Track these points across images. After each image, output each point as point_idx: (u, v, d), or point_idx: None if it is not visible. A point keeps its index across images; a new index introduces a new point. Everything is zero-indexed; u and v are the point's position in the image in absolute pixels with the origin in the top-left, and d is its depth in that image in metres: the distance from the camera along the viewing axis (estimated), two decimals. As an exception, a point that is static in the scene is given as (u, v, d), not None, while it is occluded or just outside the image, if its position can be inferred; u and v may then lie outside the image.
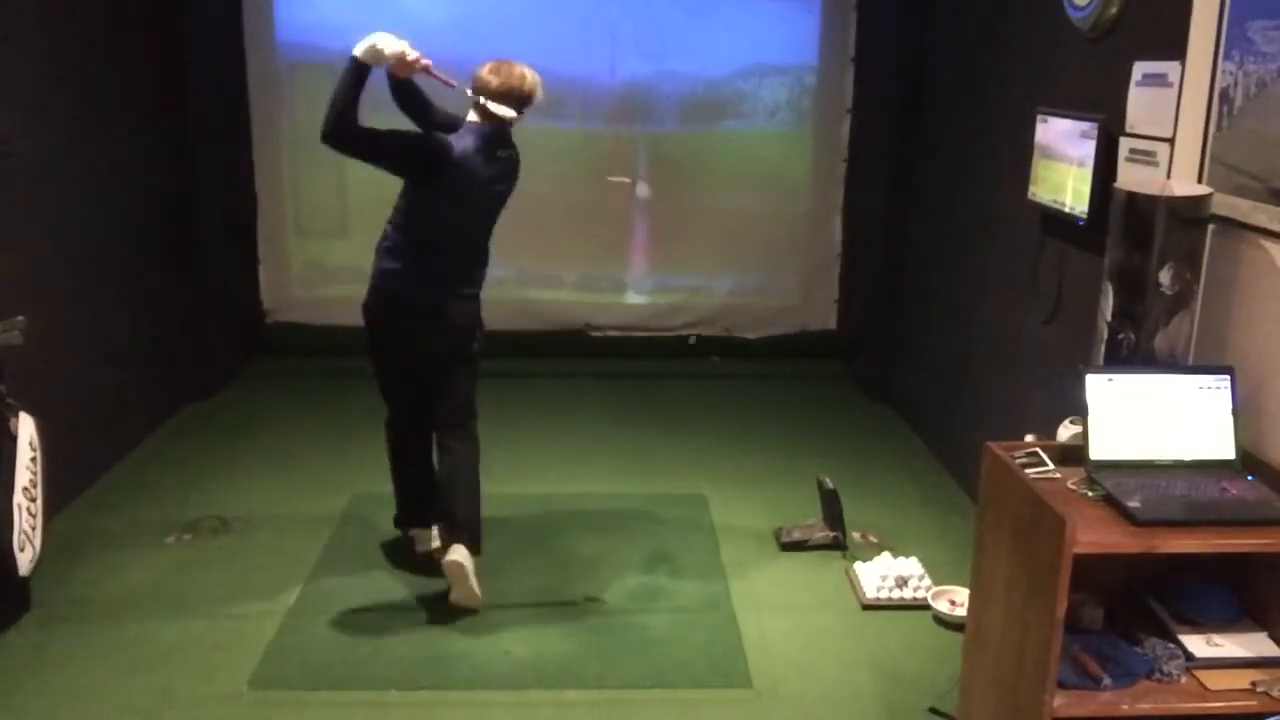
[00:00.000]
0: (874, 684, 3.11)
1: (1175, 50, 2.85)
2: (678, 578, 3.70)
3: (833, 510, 3.88)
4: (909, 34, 5.16)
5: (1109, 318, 2.63)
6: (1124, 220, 2.58)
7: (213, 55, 5.30)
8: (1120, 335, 2.60)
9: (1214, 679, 2.32)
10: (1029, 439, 2.62)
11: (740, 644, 3.29)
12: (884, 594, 3.53)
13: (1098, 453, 2.44)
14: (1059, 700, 2.26)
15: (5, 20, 3.73)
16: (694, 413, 5.36)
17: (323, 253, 5.96)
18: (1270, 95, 2.50)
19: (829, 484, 3.88)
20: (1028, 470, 2.45)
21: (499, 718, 2.94)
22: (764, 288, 6.20)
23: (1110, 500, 2.33)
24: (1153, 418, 2.46)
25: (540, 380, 5.73)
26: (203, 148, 5.20)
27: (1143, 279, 2.54)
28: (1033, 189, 3.70)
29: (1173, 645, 2.39)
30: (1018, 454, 2.52)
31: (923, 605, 3.48)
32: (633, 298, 6.19)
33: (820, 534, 3.89)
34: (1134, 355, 2.57)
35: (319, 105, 3.13)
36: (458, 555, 3.34)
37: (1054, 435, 2.68)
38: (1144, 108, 3.06)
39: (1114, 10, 3.25)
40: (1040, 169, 3.65)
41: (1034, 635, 2.28)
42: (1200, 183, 2.72)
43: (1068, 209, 3.43)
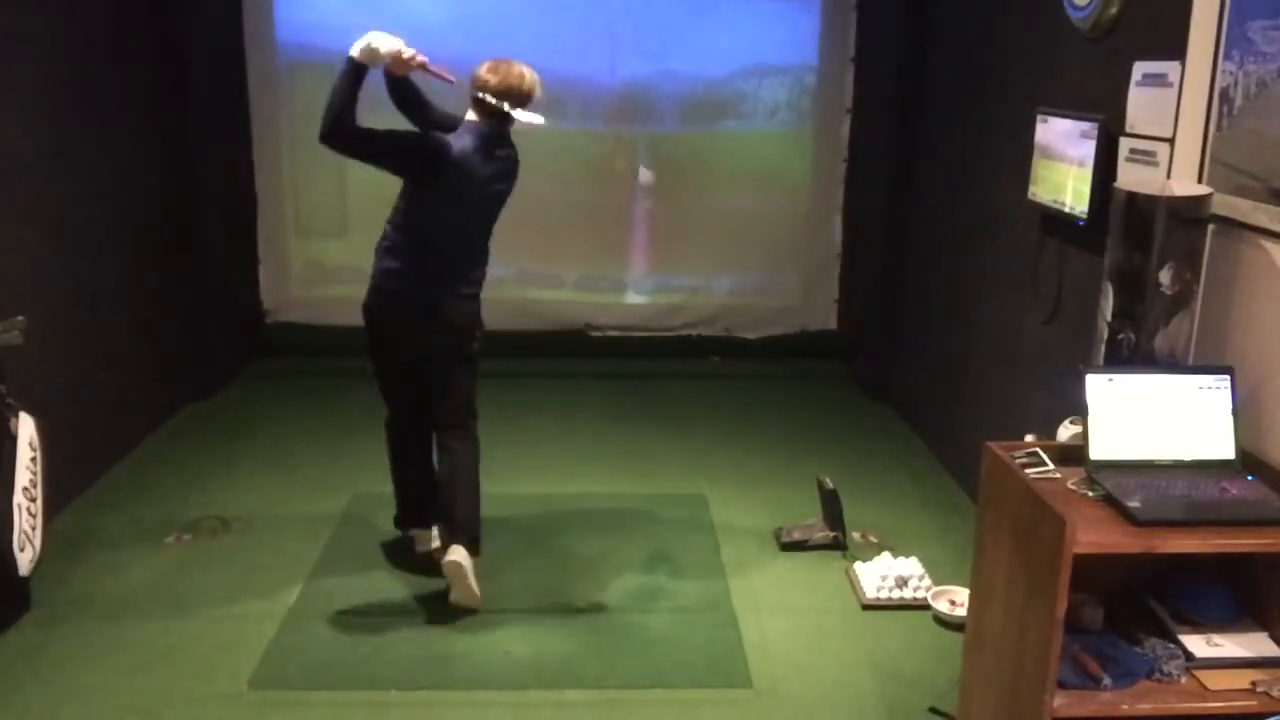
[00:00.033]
0: (874, 684, 3.11)
1: (1175, 50, 2.85)
2: (678, 578, 3.70)
3: (833, 510, 3.88)
4: (909, 34, 5.16)
5: (1109, 318, 2.63)
6: (1124, 220, 2.58)
7: (213, 55, 5.30)
8: (1120, 335, 2.60)
9: (1214, 679, 2.32)
10: (1029, 439, 2.62)
11: (740, 644, 3.29)
12: (884, 594, 3.53)
13: (1098, 453, 2.44)
14: (1059, 700, 2.26)
15: (5, 20, 3.73)
16: (694, 413, 5.36)
17: (323, 253, 5.97)
18: (1270, 95, 2.50)
19: (829, 484, 3.88)
20: (1028, 470, 2.45)
21: (499, 718, 2.94)
22: (764, 288, 6.20)
23: (1110, 500, 2.33)
24: (1153, 418, 2.46)
25: (540, 380, 5.73)
26: (203, 148, 5.20)
27: (1143, 279, 2.54)
28: (1033, 189, 3.70)
29: (1173, 645, 2.39)
30: (1018, 454, 2.52)
31: (923, 605, 3.48)
32: (633, 298, 6.19)
33: (820, 534, 3.89)
34: (1134, 355, 2.57)
35: (319, 105, 3.13)
36: (457, 555, 3.34)
37: (1054, 435, 2.68)
38: (1144, 108, 3.06)
39: (1114, 10, 3.25)
40: (1040, 169, 3.65)
41: (1034, 635, 2.28)
42: (1200, 183, 2.72)
43: (1068, 209, 3.43)
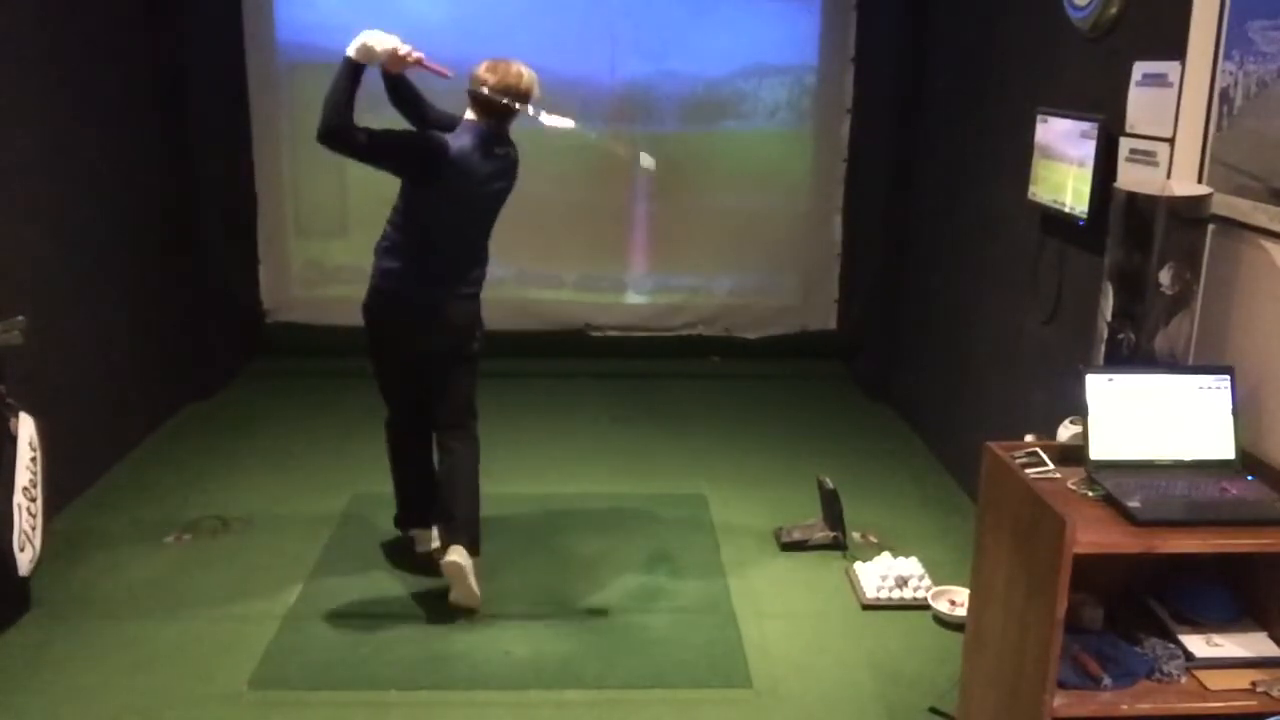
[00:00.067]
0: (874, 684, 3.11)
1: (1175, 50, 2.85)
2: (678, 578, 3.70)
3: (833, 510, 3.88)
4: (909, 34, 5.16)
5: (1109, 318, 2.63)
6: (1124, 220, 2.58)
7: (213, 55, 5.30)
8: (1120, 335, 2.60)
9: (1214, 679, 2.32)
10: (1029, 439, 2.62)
11: (740, 644, 3.29)
12: (884, 594, 3.53)
13: (1098, 453, 2.44)
14: (1059, 700, 2.26)
15: (5, 20, 3.73)
16: (694, 413, 5.36)
17: (323, 253, 5.96)
18: (1270, 95, 2.50)
19: (829, 484, 3.88)
20: (1028, 470, 2.45)
21: (499, 718, 2.94)
22: (764, 288, 6.20)
23: (1110, 500, 2.33)
24: (1153, 418, 2.46)
25: (540, 380, 5.73)
26: (203, 148, 5.19)
27: (1143, 279, 2.54)
28: (1033, 189, 3.70)
29: (1173, 645, 2.39)
30: (1018, 454, 2.52)
31: (923, 605, 3.48)
32: (633, 298, 6.19)
33: (820, 534, 3.89)
34: (1134, 355, 2.57)
35: (319, 105, 3.13)
36: (456, 556, 3.34)
37: (1054, 435, 2.68)
38: (1144, 108, 3.06)
39: (1114, 10, 3.25)
40: (1040, 169, 3.65)
41: (1034, 635, 2.28)
42: (1200, 183, 2.72)
43: (1068, 209, 3.43)
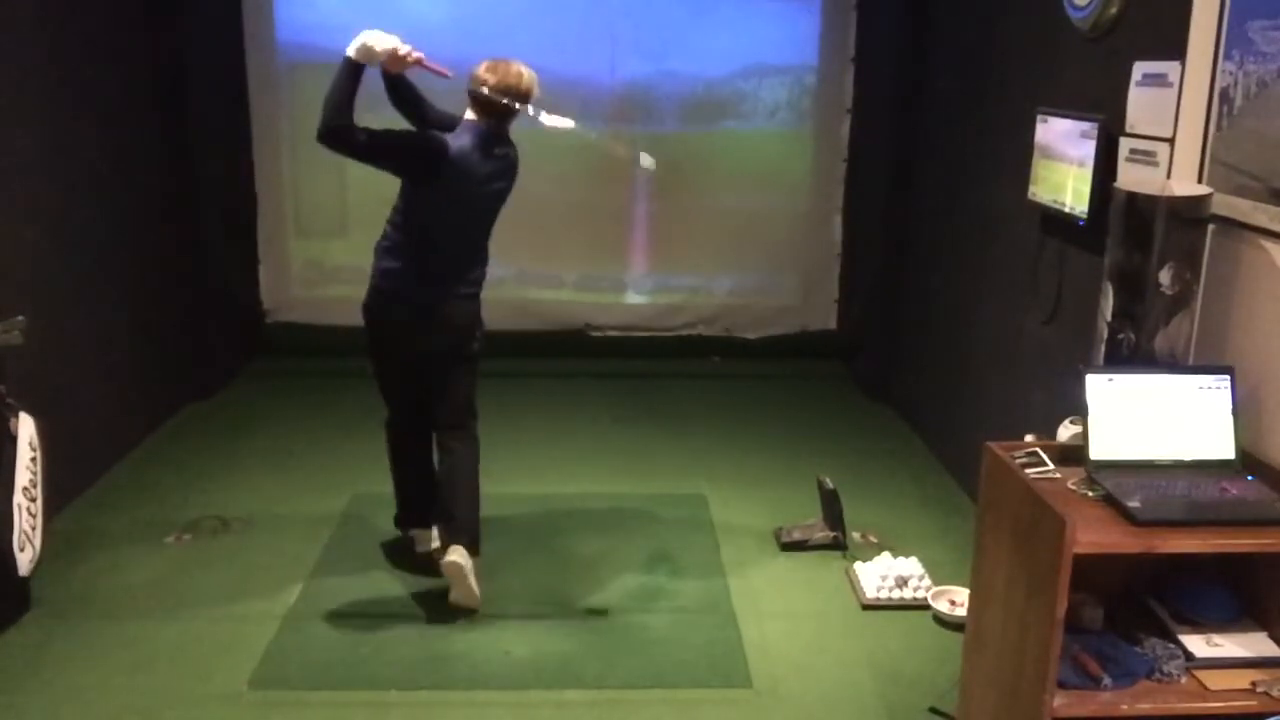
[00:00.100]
0: (874, 684, 3.11)
1: (1175, 50, 2.85)
2: (678, 578, 3.70)
3: (833, 510, 3.88)
4: (909, 34, 5.16)
5: (1109, 318, 2.63)
6: (1124, 220, 2.58)
7: (213, 55, 5.30)
8: (1120, 335, 2.60)
9: (1214, 679, 2.32)
10: (1029, 439, 2.62)
11: (740, 644, 3.29)
12: (884, 594, 3.53)
13: (1098, 453, 2.44)
14: (1059, 700, 2.26)
15: (5, 20, 3.73)
16: (694, 413, 5.36)
17: (323, 253, 5.96)
18: (1270, 95, 2.50)
19: (829, 484, 3.88)
20: (1028, 470, 2.45)
21: (499, 718, 2.94)
22: (764, 288, 6.20)
23: (1110, 500, 2.33)
24: (1153, 418, 2.46)
25: (540, 380, 5.73)
26: (203, 148, 5.20)
27: (1143, 279, 2.54)
28: (1033, 189, 3.70)
29: (1173, 645, 2.39)
30: (1018, 454, 2.52)
31: (923, 605, 3.48)
32: (633, 298, 6.19)
33: (820, 534, 3.89)
34: (1134, 355, 2.57)
35: (319, 105, 3.13)
36: (456, 556, 3.34)
37: (1054, 435, 2.68)
38: (1144, 108, 3.06)
39: (1114, 10, 3.25)
40: (1040, 169, 3.65)
41: (1034, 635, 2.28)
42: (1200, 183, 2.72)
43: (1068, 209, 3.43)
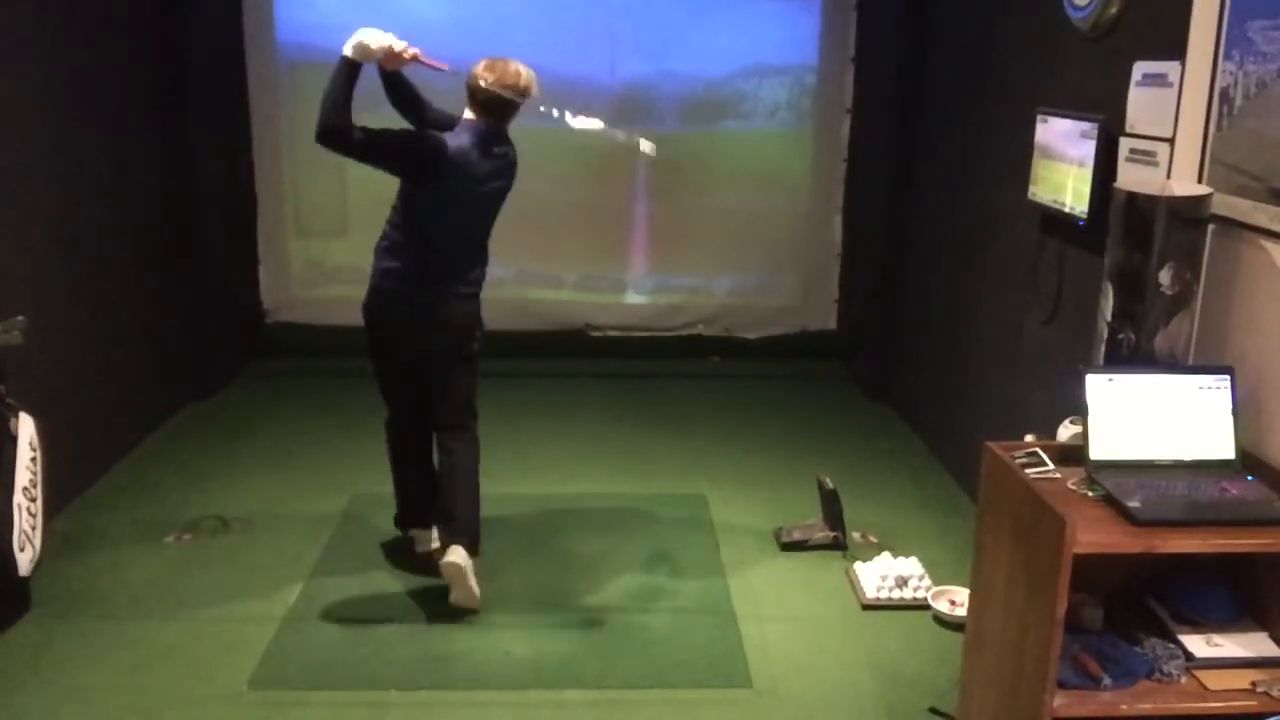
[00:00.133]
0: (874, 684, 3.11)
1: (1175, 50, 2.85)
2: (678, 578, 3.70)
3: (833, 510, 3.88)
4: (909, 34, 5.16)
5: (1109, 318, 2.63)
6: (1124, 220, 2.58)
7: (213, 55, 5.29)
8: (1120, 335, 2.60)
9: (1214, 679, 2.32)
10: (1029, 439, 2.62)
11: (740, 644, 3.29)
12: (884, 594, 3.53)
13: (1098, 453, 2.44)
14: (1059, 700, 2.26)
15: (5, 20, 3.73)
16: (694, 413, 5.36)
17: (323, 253, 5.96)
18: (1270, 95, 2.50)
19: (829, 484, 3.88)
20: (1028, 470, 2.45)
21: (499, 718, 2.94)
22: (764, 288, 6.20)
23: (1110, 500, 2.33)
24: (1153, 418, 2.46)
25: (540, 380, 5.73)
26: (203, 148, 5.20)
27: (1143, 279, 2.54)
28: (1033, 189, 3.70)
29: (1173, 645, 2.39)
30: (1018, 454, 2.52)
31: (923, 605, 3.48)
32: (633, 298, 6.19)
33: (820, 534, 3.89)
34: (1134, 355, 2.57)
35: (318, 105, 3.13)
36: (455, 556, 3.34)
37: (1054, 435, 2.68)
38: (1144, 108, 3.06)
39: (1114, 10, 3.25)
40: (1040, 169, 3.65)
41: (1034, 635, 2.28)
42: (1200, 183, 2.72)
43: (1068, 209, 3.43)
